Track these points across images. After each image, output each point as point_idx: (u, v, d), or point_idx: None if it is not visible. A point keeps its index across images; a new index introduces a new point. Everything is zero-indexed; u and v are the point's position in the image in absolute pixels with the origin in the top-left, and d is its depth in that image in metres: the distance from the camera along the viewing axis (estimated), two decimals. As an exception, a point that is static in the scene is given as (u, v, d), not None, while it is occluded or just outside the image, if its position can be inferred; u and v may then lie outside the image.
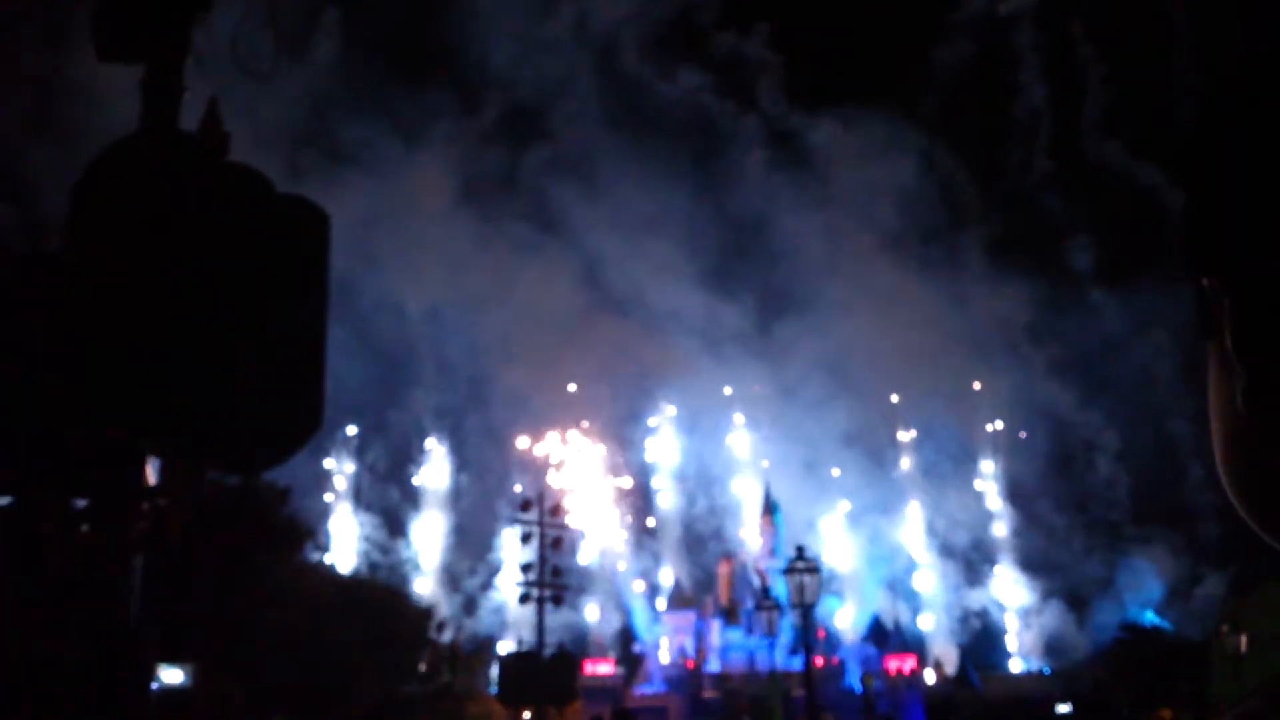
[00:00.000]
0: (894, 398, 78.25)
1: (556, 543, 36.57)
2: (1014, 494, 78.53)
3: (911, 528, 76.62)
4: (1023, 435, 78.54)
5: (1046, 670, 69.73)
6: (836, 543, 73.69)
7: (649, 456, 79.24)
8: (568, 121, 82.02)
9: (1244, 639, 35.52)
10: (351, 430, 75.60)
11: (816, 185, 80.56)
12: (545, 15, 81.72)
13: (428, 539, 75.85)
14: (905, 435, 79.17)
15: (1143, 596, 70.72)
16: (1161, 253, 72.57)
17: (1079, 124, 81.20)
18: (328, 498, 73.87)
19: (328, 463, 74.25)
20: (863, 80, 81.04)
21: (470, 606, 73.03)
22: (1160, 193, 72.16)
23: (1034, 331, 77.93)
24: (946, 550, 75.94)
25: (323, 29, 72.08)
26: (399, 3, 79.49)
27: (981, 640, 73.47)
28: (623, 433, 78.91)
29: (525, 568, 35.53)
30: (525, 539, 36.24)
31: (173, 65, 3.95)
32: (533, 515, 36.14)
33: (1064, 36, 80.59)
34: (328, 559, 55.33)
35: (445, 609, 65.64)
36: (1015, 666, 72.37)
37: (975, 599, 75.50)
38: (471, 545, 75.43)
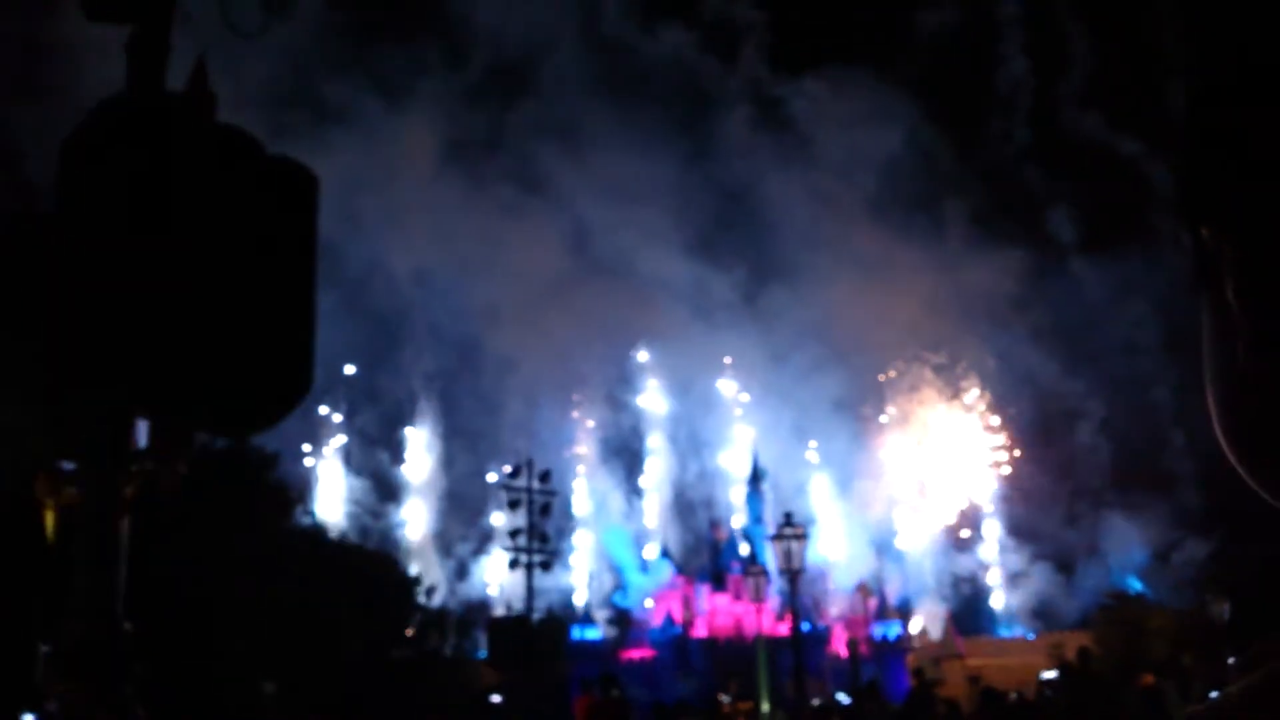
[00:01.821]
0: (881, 377, 78.57)
1: (545, 509, 36.70)
2: (998, 463, 79.07)
3: (898, 494, 77.11)
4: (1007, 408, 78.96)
5: (1031, 636, 70.35)
6: (824, 509, 74.11)
7: (637, 422, 79.46)
8: (554, 80, 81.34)
9: (1228, 607, 35.86)
10: (332, 408, 75.47)
11: (801, 150, 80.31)
12: None
13: (418, 504, 76.10)
14: (891, 402, 79.57)
15: (1126, 562, 71.32)
16: (1143, 222, 72.98)
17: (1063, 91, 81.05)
18: (313, 461, 73.96)
19: (320, 415, 74.22)
20: (849, 43, 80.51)
21: (462, 572, 73.37)
22: (1141, 162, 72.25)
23: (1017, 300, 78.11)
24: (932, 516, 76.48)
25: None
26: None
27: (968, 606, 74.10)
28: (611, 396, 79.04)
29: (514, 534, 35.68)
30: (514, 505, 36.36)
31: (160, 25, 3.90)
32: (521, 482, 36.25)
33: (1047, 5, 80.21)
34: (318, 523, 55.35)
35: (438, 574, 65.93)
36: (1001, 633, 73.02)
37: (962, 564, 76.11)
38: (463, 511, 75.72)
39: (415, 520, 75.56)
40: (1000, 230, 78.11)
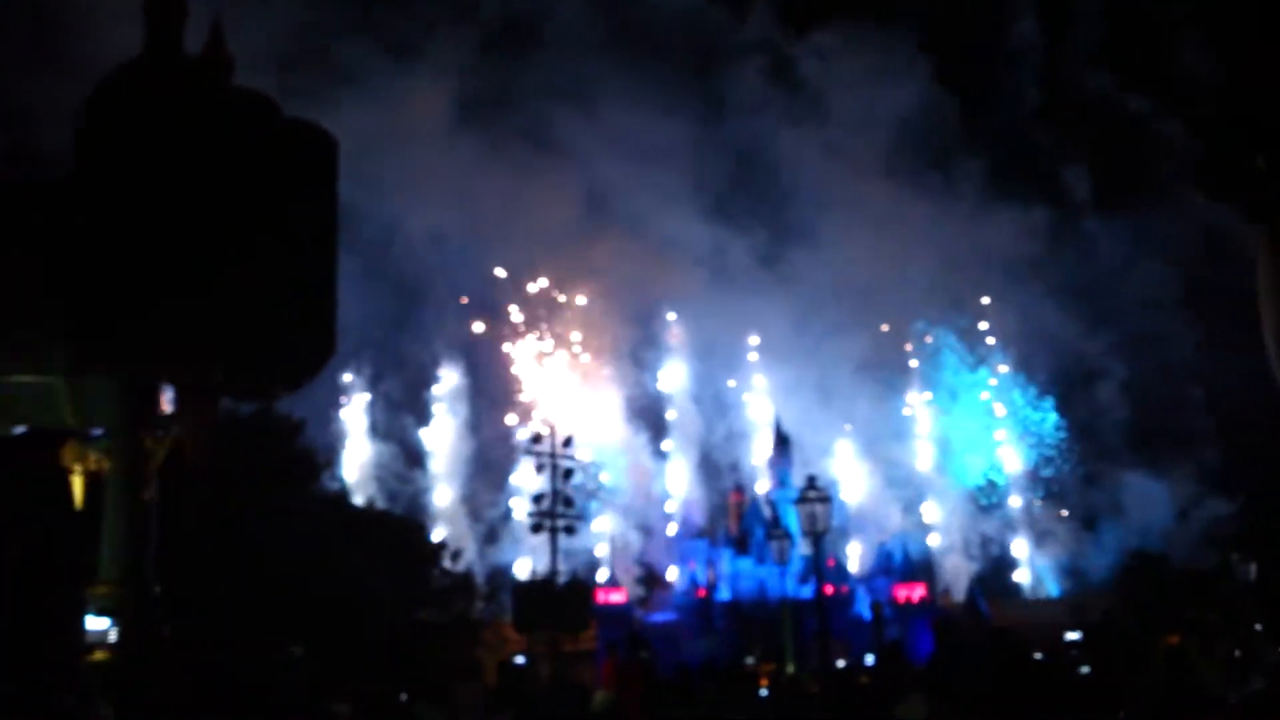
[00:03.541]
0: (907, 346, 78.26)
1: (568, 474, 36.79)
2: (1020, 421, 78.87)
3: (922, 456, 76.98)
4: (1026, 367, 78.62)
5: (1056, 594, 70.43)
6: (848, 471, 74.08)
7: (661, 385, 79.42)
8: (564, 34, 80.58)
9: (1254, 567, 35.72)
10: (355, 373, 75.67)
11: (813, 107, 79.53)
12: None
13: (444, 468, 76.40)
14: (914, 363, 79.33)
15: (1149, 522, 71.09)
16: (1161, 179, 72.29)
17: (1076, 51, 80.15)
18: (343, 425, 74.29)
19: (344, 381, 74.48)
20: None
21: (491, 536, 73.69)
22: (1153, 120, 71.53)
23: (1036, 260, 77.46)
24: (957, 478, 76.30)
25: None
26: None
27: (994, 568, 74.04)
28: (635, 357, 78.92)
29: (537, 498, 35.82)
30: (538, 469, 36.47)
31: (176, -14, 3.88)
32: (545, 447, 36.33)
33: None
34: (344, 488, 55.74)
35: (467, 538, 66.32)
36: (1026, 594, 73.02)
37: (987, 526, 76.02)
38: (491, 474, 75.91)
39: (442, 484, 75.94)
40: (1017, 188, 77.49)
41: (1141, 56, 71.60)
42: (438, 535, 55.01)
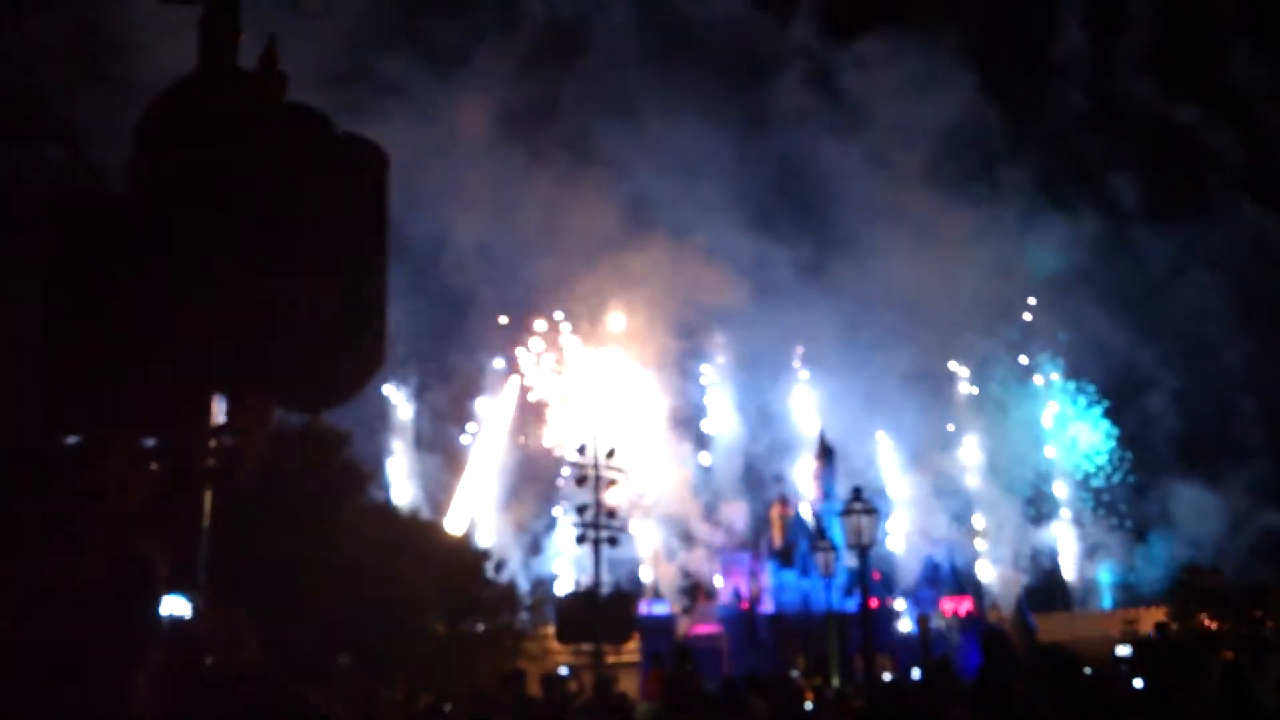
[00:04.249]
0: (952, 363, 77.67)
1: (611, 485, 36.80)
2: (1070, 431, 77.96)
3: (970, 467, 76.24)
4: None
5: (1107, 606, 69.47)
6: (894, 482, 73.53)
7: (705, 398, 79.27)
8: (609, 40, 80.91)
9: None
10: (401, 383, 76.17)
11: (856, 117, 79.17)
12: None
13: (489, 480, 76.68)
14: (963, 372, 78.61)
15: (1201, 534, 70.01)
16: (1210, 188, 71.26)
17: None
18: (388, 440, 74.81)
19: (389, 394, 74.99)
20: (907, 8, 79.41)
21: (536, 547, 73.85)
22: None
23: (1085, 269, 76.72)
24: (1007, 489, 75.50)
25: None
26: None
27: (1043, 581, 73.20)
28: (680, 368, 78.85)
29: (581, 509, 35.83)
30: (580, 481, 36.50)
31: (229, 4, 3.94)
32: (588, 458, 36.36)
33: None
34: (390, 500, 56.10)
35: (511, 548, 66.47)
36: (1076, 607, 72.10)
37: (1037, 539, 75.15)
38: (537, 485, 76.14)
39: (487, 495, 76.23)
40: (1065, 197, 76.84)
41: (1190, 65, 70.85)
42: (483, 542, 55.21)
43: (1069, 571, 75.08)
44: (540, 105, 78.61)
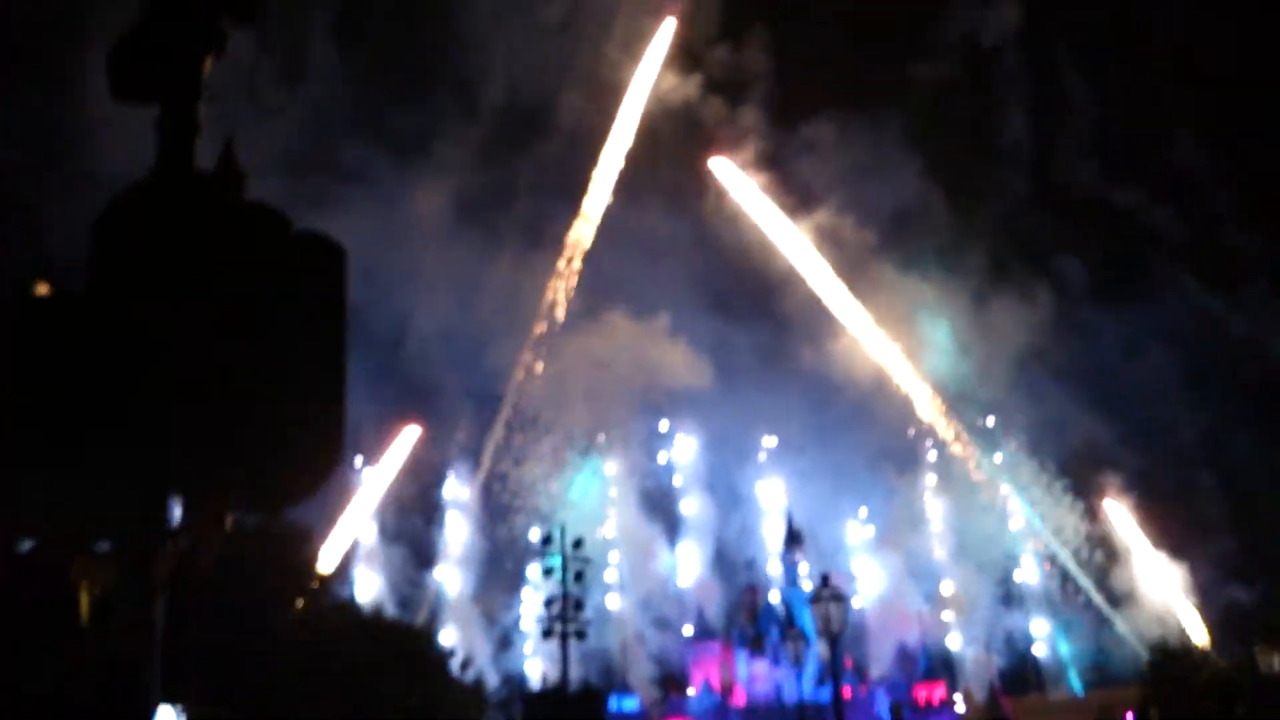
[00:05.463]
0: (910, 431, 78.17)
1: (579, 576, 36.35)
2: (1034, 508, 78.24)
3: (939, 552, 76.19)
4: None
5: (1078, 685, 69.06)
6: (863, 567, 73.23)
7: (674, 478, 79.00)
8: (568, 121, 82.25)
9: (1277, 659, 35.05)
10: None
11: (805, 200, 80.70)
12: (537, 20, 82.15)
13: (455, 573, 75.64)
14: (930, 455, 79.00)
15: (1167, 608, 70.14)
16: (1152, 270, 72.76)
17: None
18: (352, 528, 73.75)
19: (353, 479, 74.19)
20: (853, 95, 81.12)
21: (505, 642, 72.57)
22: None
23: (1039, 349, 77.75)
24: (977, 572, 75.43)
25: (315, 52, 72.74)
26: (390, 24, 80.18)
27: (1016, 664, 72.75)
28: (646, 448, 78.66)
29: (548, 603, 35.31)
30: (547, 573, 36.07)
31: (187, 104, 3.94)
32: (554, 548, 35.94)
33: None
34: (353, 597, 55.18)
35: (480, 642, 65.28)
36: (1050, 691, 71.60)
37: (1008, 622, 74.87)
38: (502, 576, 75.16)
39: (452, 586, 75.04)
40: (1016, 278, 78.09)
41: (1130, 150, 72.66)
42: (448, 638, 54.23)
43: (1040, 653, 74.72)
44: (497, 189, 79.75)
